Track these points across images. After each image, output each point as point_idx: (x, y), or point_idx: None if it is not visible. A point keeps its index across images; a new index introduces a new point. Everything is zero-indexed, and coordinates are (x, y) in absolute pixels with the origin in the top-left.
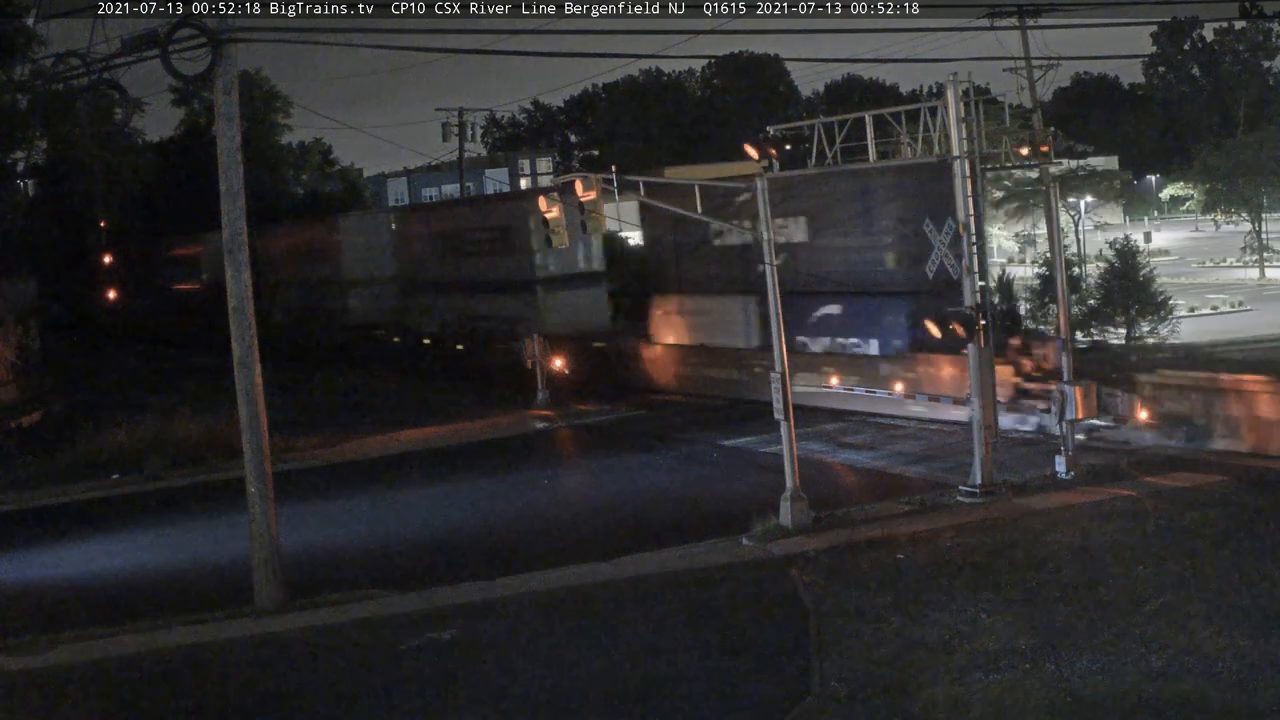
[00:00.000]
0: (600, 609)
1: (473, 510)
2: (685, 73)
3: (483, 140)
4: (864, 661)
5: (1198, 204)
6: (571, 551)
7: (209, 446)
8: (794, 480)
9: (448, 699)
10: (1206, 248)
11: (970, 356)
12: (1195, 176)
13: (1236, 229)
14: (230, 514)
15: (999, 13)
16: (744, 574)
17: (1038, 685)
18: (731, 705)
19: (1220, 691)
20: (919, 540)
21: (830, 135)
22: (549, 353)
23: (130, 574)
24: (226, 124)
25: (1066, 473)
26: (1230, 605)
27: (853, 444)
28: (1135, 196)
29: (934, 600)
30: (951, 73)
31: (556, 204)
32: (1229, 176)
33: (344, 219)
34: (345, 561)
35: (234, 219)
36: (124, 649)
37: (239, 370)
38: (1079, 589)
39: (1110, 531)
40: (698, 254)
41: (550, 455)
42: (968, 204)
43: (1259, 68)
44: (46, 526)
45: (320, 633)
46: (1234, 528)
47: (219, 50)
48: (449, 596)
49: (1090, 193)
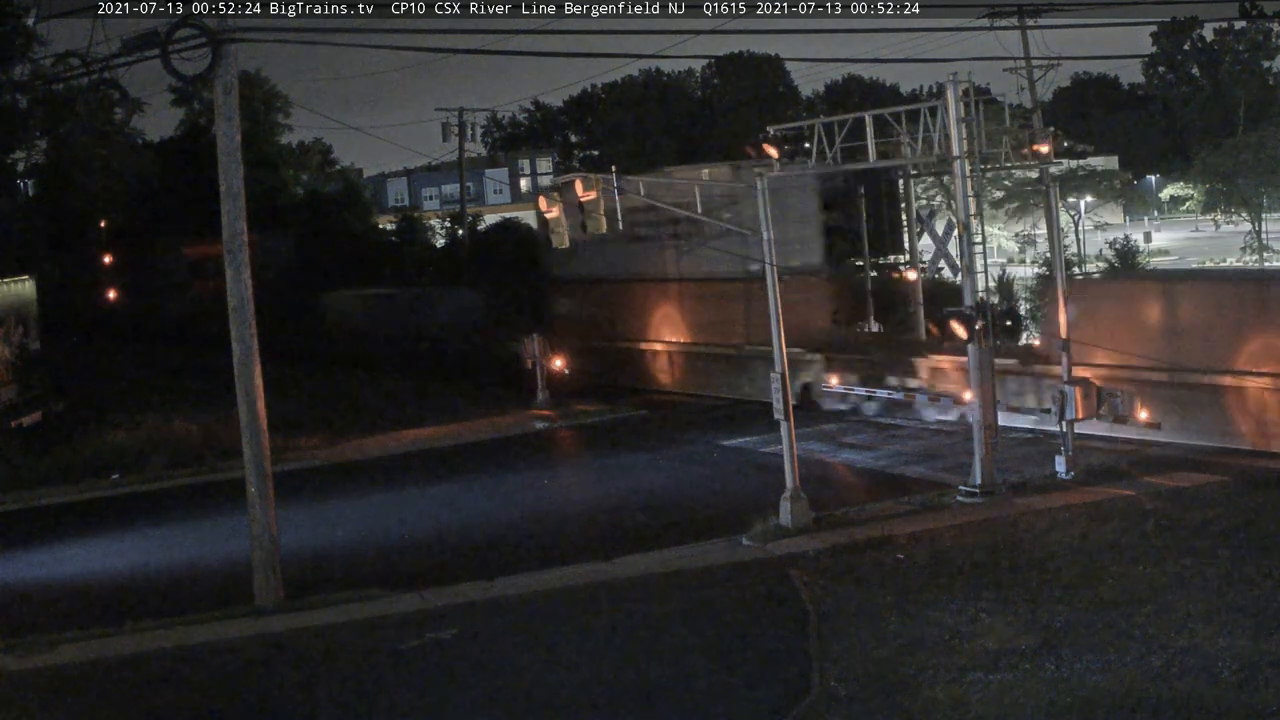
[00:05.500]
0: (600, 609)
1: (473, 510)
2: (685, 73)
3: (483, 140)
4: (864, 661)
5: (1198, 204)
6: (571, 551)
7: (209, 446)
8: (794, 480)
9: (448, 699)
10: (1206, 248)
11: (970, 356)
12: (1195, 176)
13: (1236, 229)
14: (230, 514)
15: (999, 13)
16: (744, 574)
17: (1038, 685)
18: (731, 705)
19: (1220, 691)
20: (919, 540)
21: (830, 135)
22: (549, 353)
23: (130, 574)
24: (226, 124)
25: (1066, 472)
26: (1230, 605)
27: (853, 444)
28: (1135, 196)
29: (934, 600)
30: (951, 73)
31: (556, 204)
32: (1229, 176)
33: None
34: (345, 561)
35: (234, 219)
36: (124, 649)
37: (239, 370)
38: (1079, 589)
39: (1110, 531)
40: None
41: (550, 455)
42: (968, 204)
43: (1259, 68)
44: (46, 526)
45: (320, 633)
46: (1234, 528)
47: (219, 50)
48: (449, 596)
49: (1090, 193)
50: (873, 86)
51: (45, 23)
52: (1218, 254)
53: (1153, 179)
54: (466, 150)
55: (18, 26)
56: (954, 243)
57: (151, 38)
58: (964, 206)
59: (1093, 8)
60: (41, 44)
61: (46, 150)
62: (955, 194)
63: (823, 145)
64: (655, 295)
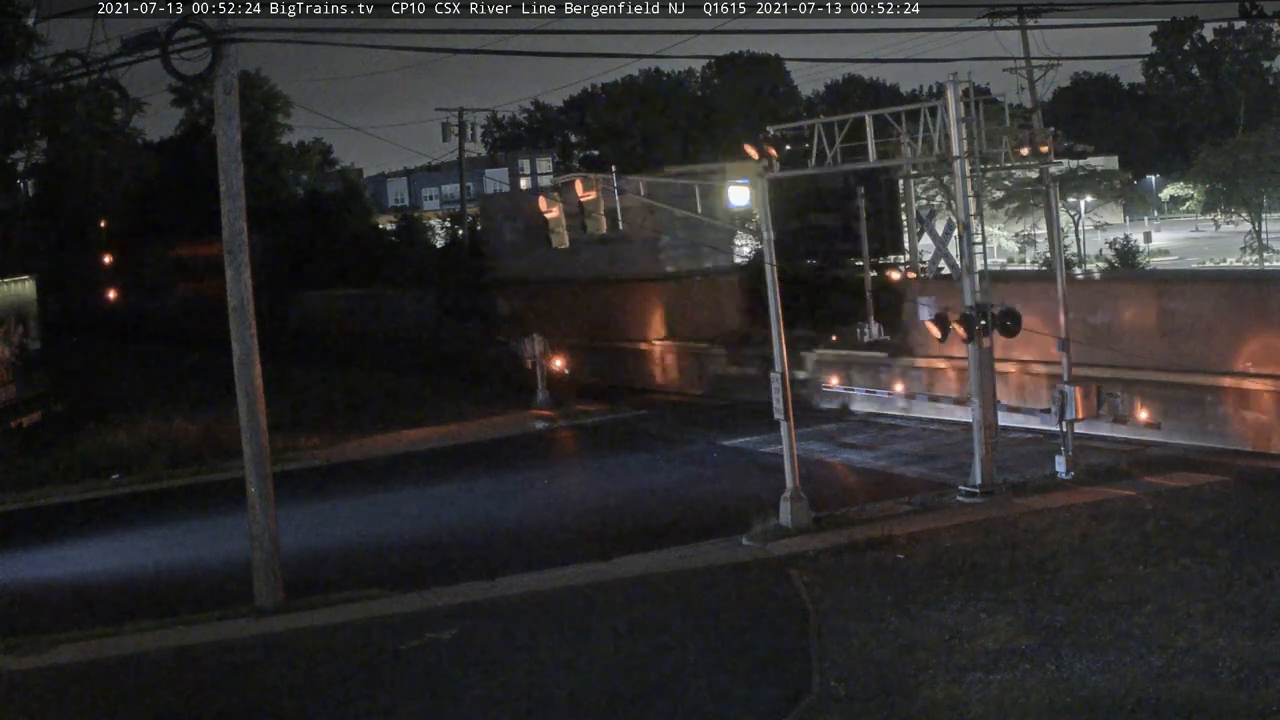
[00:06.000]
0: (600, 609)
1: (473, 510)
2: (685, 73)
3: (483, 140)
4: (864, 661)
5: (1198, 204)
6: (571, 551)
7: (209, 446)
8: (794, 480)
9: (448, 699)
10: (1206, 248)
11: (970, 356)
12: (1195, 176)
13: (1236, 229)
14: (230, 514)
15: (999, 13)
16: (744, 574)
17: (1038, 685)
18: (731, 705)
19: (1220, 691)
20: (919, 540)
21: (830, 135)
22: (549, 353)
23: (130, 574)
24: (226, 124)
25: (1066, 472)
26: (1230, 605)
27: (853, 444)
28: (1135, 196)
29: (934, 600)
30: (951, 73)
31: (556, 204)
32: (1229, 176)
33: None
34: (345, 561)
35: (234, 219)
36: (124, 649)
37: (239, 370)
38: (1079, 589)
39: (1110, 531)
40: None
41: (550, 455)
42: (968, 204)
43: (1259, 68)
44: (46, 526)
45: (320, 633)
46: (1234, 528)
47: (219, 50)
48: (449, 596)
49: (1090, 193)
50: (873, 86)
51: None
52: (1218, 254)
53: (1153, 179)
54: (466, 150)
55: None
56: (954, 243)
57: (151, 38)
58: (964, 206)
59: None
60: (41, 44)
61: (46, 150)
62: (955, 194)
63: (822, 145)
64: (572, 296)
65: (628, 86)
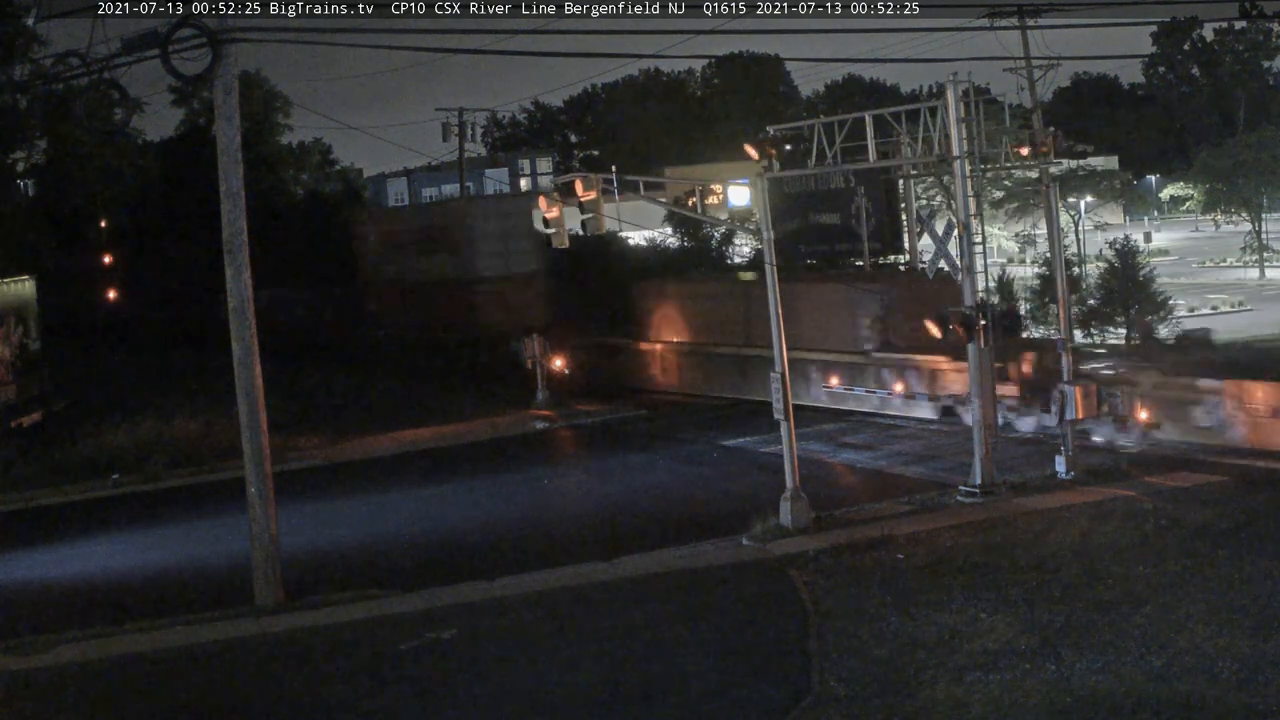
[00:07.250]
0: (600, 609)
1: (473, 510)
2: (685, 73)
3: (483, 140)
4: (864, 661)
5: (1198, 204)
6: (571, 551)
7: (209, 446)
8: (794, 480)
9: (448, 699)
10: (1206, 248)
11: (970, 356)
12: (1195, 176)
13: (1236, 229)
14: (230, 514)
15: (999, 13)
16: (744, 574)
17: (1038, 685)
18: (731, 705)
19: (1220, 691)
20: (919, 540)
21: (830, 135)
22: (549, 353)
23: (130, 574)
24: (226, 124)
25: (1066, 472)
26: (1230, 605)
27: (852, 444)
28: (1135, 196)
29: (934, 600)
30: (951, 73)
31: (557, 204)
32: (1229, 176)
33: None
34: (345, 561)
35: (234, 219)
36: (124, 649)
37: (239, 370)
38: (1079, 589)
39: (1110, 531)
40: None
41: (550, 455)
42: (968, 204)
43: (1259, 68)
44: (46, 526)
45: (320, 633)
46: (1234, 528)
47: (219, 50)
48: (449, 596)
49: (1090, 193)
50: (873, 86)
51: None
52: (1218, 254)
53: (1153, 179)
54: (466, 150)
55: (18, 26)
56: (954, 243)
57: (151, 38)
58: (964, 206)
59: (1093, 8)
60: (41, 44)
61: (46, 150)
62: (955, 194)
63: (822, 145)
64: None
65: (628, 86)
